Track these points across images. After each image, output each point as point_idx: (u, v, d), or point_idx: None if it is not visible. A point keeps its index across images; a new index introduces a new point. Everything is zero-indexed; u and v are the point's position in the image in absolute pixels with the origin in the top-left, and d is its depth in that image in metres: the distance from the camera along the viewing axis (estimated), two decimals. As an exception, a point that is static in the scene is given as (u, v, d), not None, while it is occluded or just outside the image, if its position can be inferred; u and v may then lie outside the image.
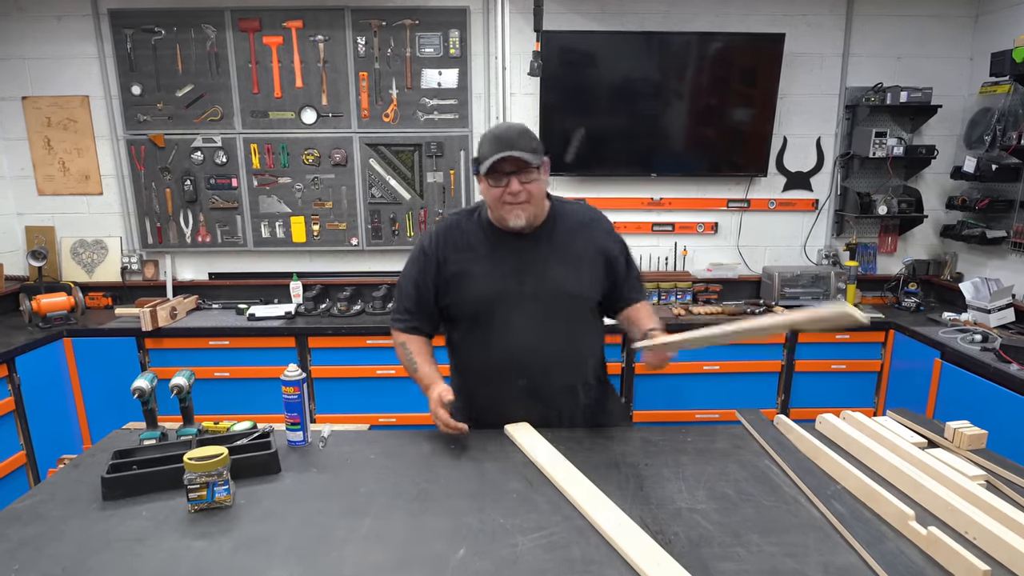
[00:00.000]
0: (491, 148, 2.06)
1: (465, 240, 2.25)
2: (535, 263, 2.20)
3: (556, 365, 2.24)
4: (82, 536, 1.64)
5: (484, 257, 2.22)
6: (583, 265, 2.24)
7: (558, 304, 2.22)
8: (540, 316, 2.20)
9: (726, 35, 4.40)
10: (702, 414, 4.30)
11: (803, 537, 1.61)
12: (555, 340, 2.22)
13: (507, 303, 2.20)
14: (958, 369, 3.55)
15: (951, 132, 4.61)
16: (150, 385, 2.14)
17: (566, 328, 2.25)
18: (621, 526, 1.62)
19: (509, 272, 2.20)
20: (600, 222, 2.34)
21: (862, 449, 2.00)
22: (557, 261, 2.21)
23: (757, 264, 4.82)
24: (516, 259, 2.20)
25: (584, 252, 2.25)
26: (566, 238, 2.24)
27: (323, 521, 1.70)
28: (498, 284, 2.20)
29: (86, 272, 4.68)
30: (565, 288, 2.22)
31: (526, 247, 2.20)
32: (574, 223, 2.27)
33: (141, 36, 4.32)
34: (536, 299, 2.19)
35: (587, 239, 2.27)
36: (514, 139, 2.05)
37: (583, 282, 2.25)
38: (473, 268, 2.22)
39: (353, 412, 4.19)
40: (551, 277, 2.20)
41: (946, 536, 1.50)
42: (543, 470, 1.93)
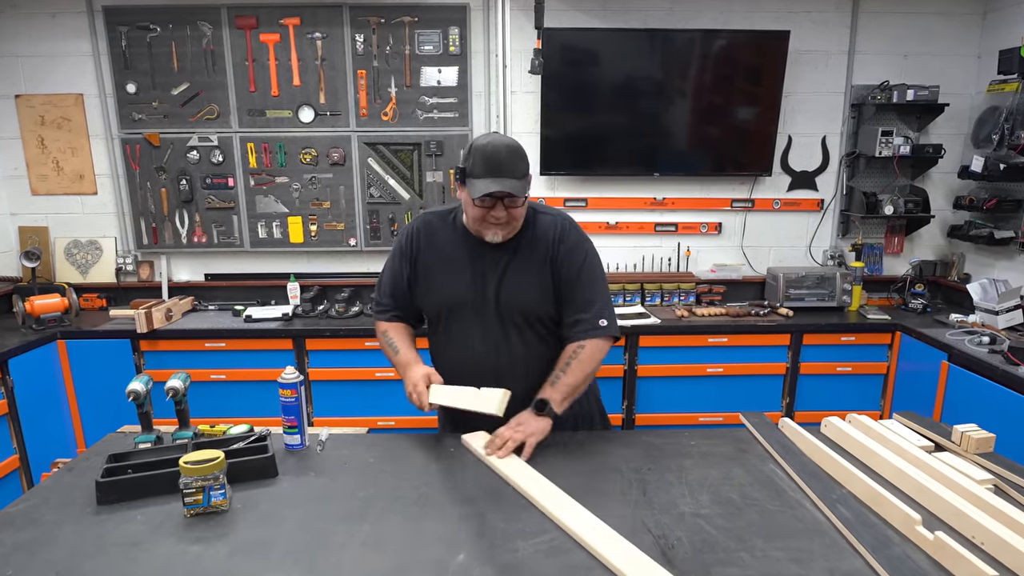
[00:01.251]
0: (483, 170, 2.05)
1: (437, 241, 2.30)
2: (496, 271, 2.23)
3: (512, 374, 2.23)
4: (76, 541, 1.64)
5: (452, 261, 2.26)
6: (534, 277, 2.23)
7: (512, 314, 2.24)
8: (498, 325, 2.25)
9: (730, 32, 4.40)
10: (705, 417, 4.30)
11: (808, 542, 1.61)
12: (512, 349, 2.26)
13: (467, 310, 2.26)
14: (965, 371, 3.55)
15: (958, 131, 4.61)
16: (145, 388, 2.14)
17: (522, 338, 2.27)
18: (596, 531, 1.62)
19: (472, 279, 2.24)
20: (562, 236, 2.23)
21: (868, 453, 2.00)
22: (514, 272, 2.23)
23: (761, 265, 4.82)
24: (481, 266, 2.24)
25: (537, 264, 2.23)
26: (528, 250, 2.24)
27: (321, 526, 1.70)
28: (460, 290, 2.25)
29: (80, 273, 4.68)
30: (518, 298, 2.23)
31: (492, 255, 2.23)
32: (540, 235, 2.24)
33: (136, 33, 4.32)
34: (495, 307, 2.24)
35: (543, 251, 2.22)
36: (505, 165, 2.05)
37: (534, 296, 2.23)
38: (439, 272, 2.28)
39: (351, 415, 4.19)
40: (507, 287, 2.22)
41: (953, 541, 1.50)
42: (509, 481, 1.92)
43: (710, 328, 4.19)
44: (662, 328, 4.17)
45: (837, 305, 4.46)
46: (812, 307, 4.46)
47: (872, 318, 4.31)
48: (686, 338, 4.19)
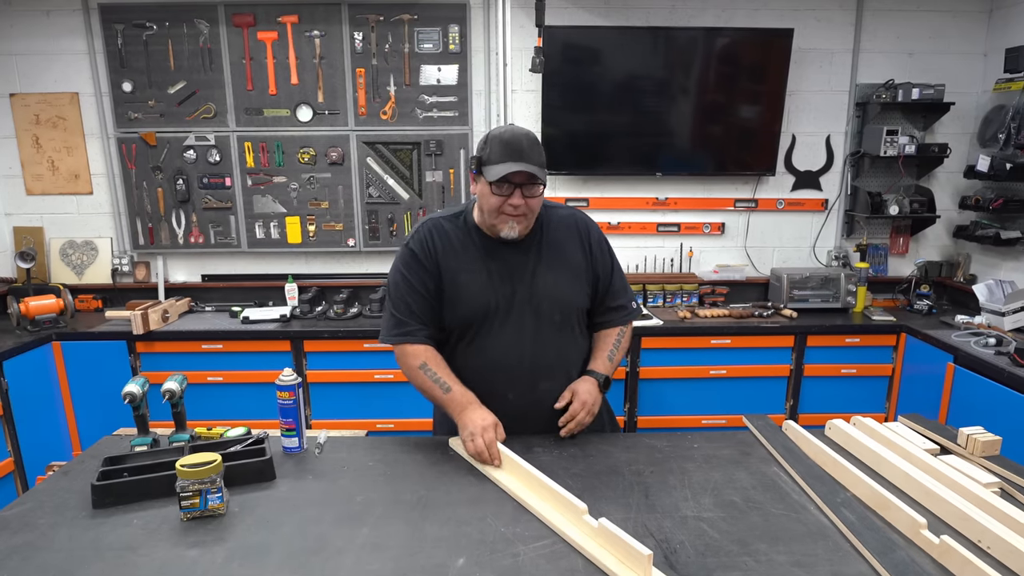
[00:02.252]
0: (501, 154, 2.03)
1: (452, 246, 2.21)
2: (524, 272, 2.20)
3: (545, 376, 2.24)
4: (71, 545, 1.64)
5: (473, 266, 2.20)
6: (571, 273, 2.25)
7: (549, 314, 2.22)
8: (531, 327, 2.21)
9: (733, 30, 4.41)
10: (708, 420, 4.30)
11: (812, 546, 1.61)
12: (545, 351, 2.23)
13: (498, 314, 2.20)
14: (972, 373, 3.55)
15: (964, 130, 4.62)
16: (141, 390, 2.14)
17: (556, 339, 2.25)
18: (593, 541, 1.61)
19: (499, 282, 2.19)
20: (588, 229, 2.32)
21: (873, 456, 2.01)
22: (546, 269, 2.21)
23: (765, 266, 4.83)
24: (505, 268, 2.20)
25: (572, 259, 2.26)
26: (555, 245, 2.24)
27: (319, 530, 1.70)
28: (489, 295, 2.19)
29: (75, 274, 4.69)
30: (555, 297, 2.22)
31: (515, 256, 2.20)
32: (562, 230, 2.27)
33: (132, 31, 4.33)
34: (528, 308, 2.20)
35: (574, 246, 2.27)
36: (525, 150, 2.04)
37: (572, 290, 2.26)
38: (462, 276, 2.19)
39: (350, 418, 4.19)
40: (541, 286, 2.20)
41: (959, 545, 1.50)
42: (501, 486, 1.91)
43: (713, 329, 4.19)
44: (664, 329, 4.17)
45: (841, 306, 4.47)
46: (816, 308, 4.46)
47: (877, 319, 4.31)
48: (689, 340, 4.19)
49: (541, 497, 1.80)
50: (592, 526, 1.60)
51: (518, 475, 1.92)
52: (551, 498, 1.76)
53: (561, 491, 1.72)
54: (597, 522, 1.58)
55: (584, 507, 1.64)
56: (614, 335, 2.35)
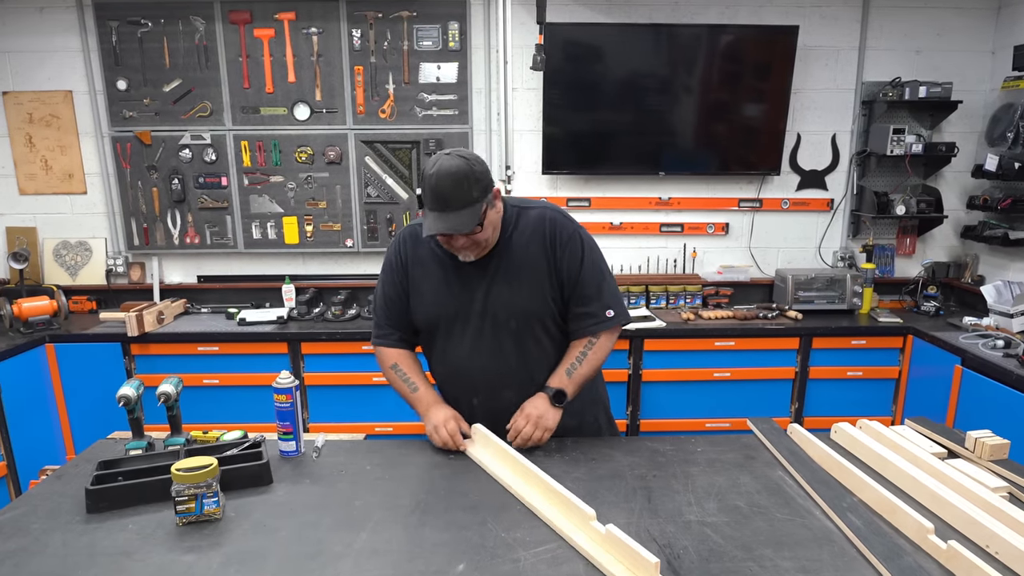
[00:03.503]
0: (429, 203, 2.00)
1: (419, 254, 2.27)
2: (483, 280, 2.20)
3: (508, 384, 2.25)
4: (65, 550, 1.65)
5: (434, 274, 2.24)
6: (531, 280, 2.20)
7: (506, 321, 2.21)
8: (489, 335, 2.22)
9: (737, 27, 4.41)
10: (712, 423, 4.30)
11: (818, 551, 1.61)
12: (504, 359, 2.24)
13: (456, 322, 2.24)
14: (979, 376, 3.55)
15: (972, 129, 4.62)
16: (136, 393, 2.14)
17: (516, 346, 2.24)
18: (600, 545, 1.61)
19: (458, 290, 2.22)
20: (555, 231, 2.21)
21: (879, 460, 2.01)
22: (504, 276, 2.20)
23: (770, 266, 4.83)
24: (465, 276, 2.21)
25: (532, 264, 2.20)
26: (517, 250, 2.20)
27: (317, 535, 1.70)
28: (446, 302, 2.23)
29: (69, 275, 4.69)
30: (510, 305, 2.20)
31: (477, 263, 2.19)
32: (527, 233, 2.21)
33: (127, 29, 4.33)
34: (485, 317, 2.21)
35: (537, 248, 2.20)
36: (450, 197, 1.97)
37: (530, 298, 2.21)
38: (425, 284, 2.26)
39: (348, 421, 4.20)
40: (499, 294, 2.20)
41: (967, 550, 1.50)
42: (510, 490, 1.92)
43: (717, 331, 4.20)
44: (667, 331, 4.18)
45: (847, 308, 4.47)
46: (822, 310, 4.46)
47: (883, 321, 4.31)
48: (692, 341, 4.20)
49: (549, 501, 1.80)
50: (599, 532, 1.59)
51: (527, 478, 1.92)
52: (559, 503, 1.76)
53: (570, 496, 1.72)
54: (604, 528, 1.58)
55: (592, 513, 1.64)
56: (580, 347, 2.26)
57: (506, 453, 2.04)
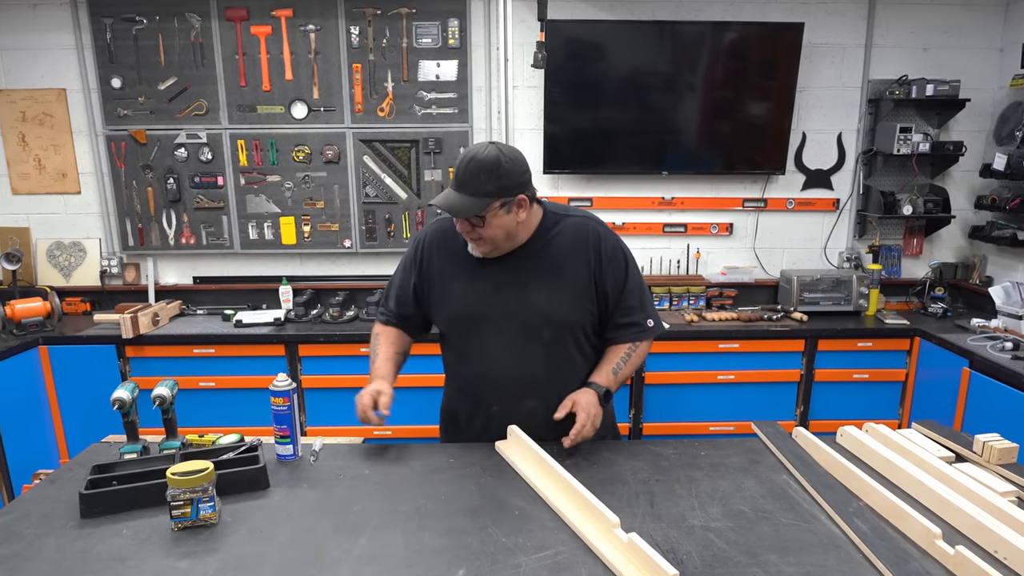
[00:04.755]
0: (452, 180, 2.06)
1: (451, 249, 2.25)
2: (516, 284, 2.18)
3: (532, 393, 2.24)
4: (59, 556, 1.65)
5: (466, 272, 2.22)
6: (569, 289, 2.19)
7: (539, 329, 2.19)
8: (519, 340, 2.20)
9: (742, 24, 4.41)
10: (716, 426, 4.30)
11: (823, 557, 1.61)
12: (532, 366, 2.22)
13: (484, 324, 2.21)
14: (988, 379, 3.55)
15: (980, 127, 4.62)
16: (131, 396, 2.15)
17: (546, 354, 2.22)
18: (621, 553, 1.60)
19: (489, 291, 2.20)
20: (599, 241, 2.22)
21: (886, 463, 2.01)
22: (542, 283, 2.18)
23: (774, 267, 4.83)
24: (498, 278, 2.19)
25: (574, 274, 2.19)
26: (557, 258, 2.19)
27: (314, 540, 1.70)
28: (476, 303, 2.21)
29: (63, 276, 4.69)
30: (545, 314, 2.18)
31: (510, 266, 2.18)
32: (568, 241, 2.20)
33: (121, 26, 4.34)
34: (515, 322, 2.19)
35: (580, 260, 2.20)
36: (462, 179, 2.02)
37: (567, 308, 2.20)
38: (453, 283, 2.24)
39: (346, 424, 4.19)
40: (532, 300, 2.17)
41: (975, 556, 1.50)
42: (539, 493, 1.92)
43: (721, 333, 4.20)
44: (671, 333, 4.17)
45: (853, 309, 4.47)
46: (827, 311, 4.46)
47: (890, 323, 4.31)
48: (696, 344, 4.20)
49: (573, 505, 1.80)
50: (621, 540, 1.59)
51: (555, 482, 1.92)
52: (583, 508, 1.76)
53: (596, 503, 1.70)
54: (627, 537, 1.57)
55: (616, 520, 1.63)
56: (623, 350, 2.28)
57: (537, 456, 2.03)
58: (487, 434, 2.27)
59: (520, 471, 2.04)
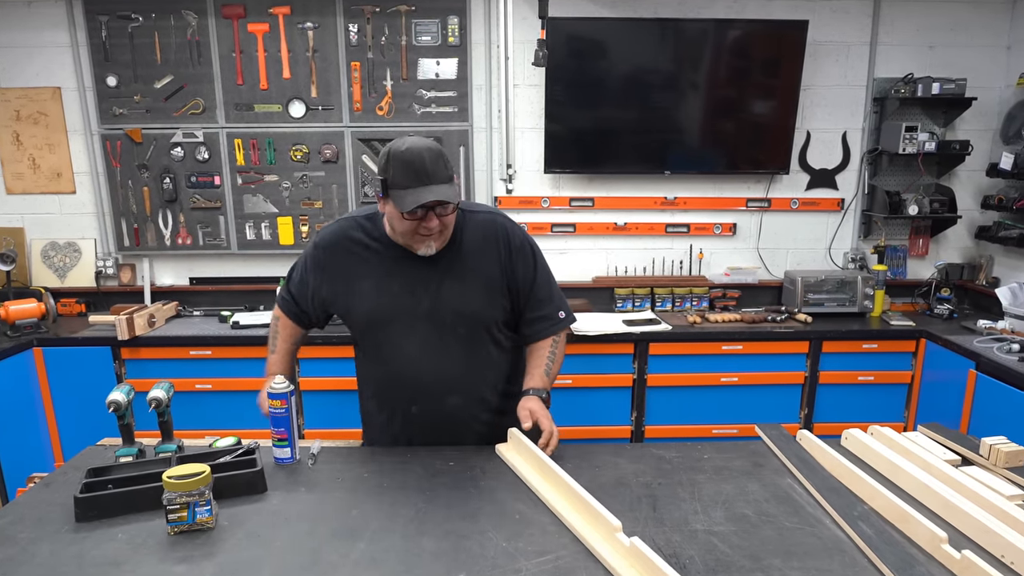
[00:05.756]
0: (405, 177, 2.00)
1: (355, 252, 2.24)
2: (430, 282, 2.19)
3: (451, 390, 2.25)
4: (53, 560, 1.65)
5: (376, 273, 2.22)
6: (482, 284, 2.23)
7: (454, 326, 2.21)
8: (435, 338, 2.22)
9: (745, 22, 4.42)
10: (719, 429, 4.30)
11: (828, 561, 1.61)
12: (451, 364, 2.24)
13: (399, 324, 2.22)
14: (994, 381, 3.55)
15: (987, 126, 4.62)
16: (126, 398, 2.15)
17: (464, 351, 2.24)
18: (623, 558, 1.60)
19: (401, 291, 2.20)
20: (508, 236, 2.26)
21: (891, 467, 2.01)
22: (454, 280, 2.20)
23: (778, 268, 4.83)
24: (410, 277, 2.20)
25: (485, 270, 2.23)
26: (467, 255, 2.22)
27: (312, 545, 1.70)
28: (389, 303, 2.21)
29: (58, 277, 4.70)
30: (460, 310, 2.21)
31: (422, 266, 2.19)
32: (478, 237, 2.23)
33: (117, 23, 4.34)
34: (430, 320, 2.20)
35: (490, 255, 2.24)
36: (430, 170, 2.00)
37: (481, 303, 2.23)
38: (363, 284, 2.22)
39: (345, 427, 4.16)
40: (446, 297, 2.19)
41: (981, 560, 1.50)
42: (540, 496, 1.92)
43: (724, 335, 4.20)
44: (673, 335, 4.18)
45: (858, 311, 4.47)
46: (832, 313, 4.46)
47: (895, 324, 4.31)
48: (699, 345, 4.20)
49: (575, 509, 1.80)
50: (623, 544, 1.59)
51: (556, 486, 1.92)
52: (585, 512, 1.76)
53: (598, 507, 1.71)
54: (629, 541, 1.57)
55: (618, 524, 1.63)
56: (547, 347, 2.32)
57: (538, 459, 2.04)
58: (404, 436, 2.30)
59: (520, 474, 2.04)
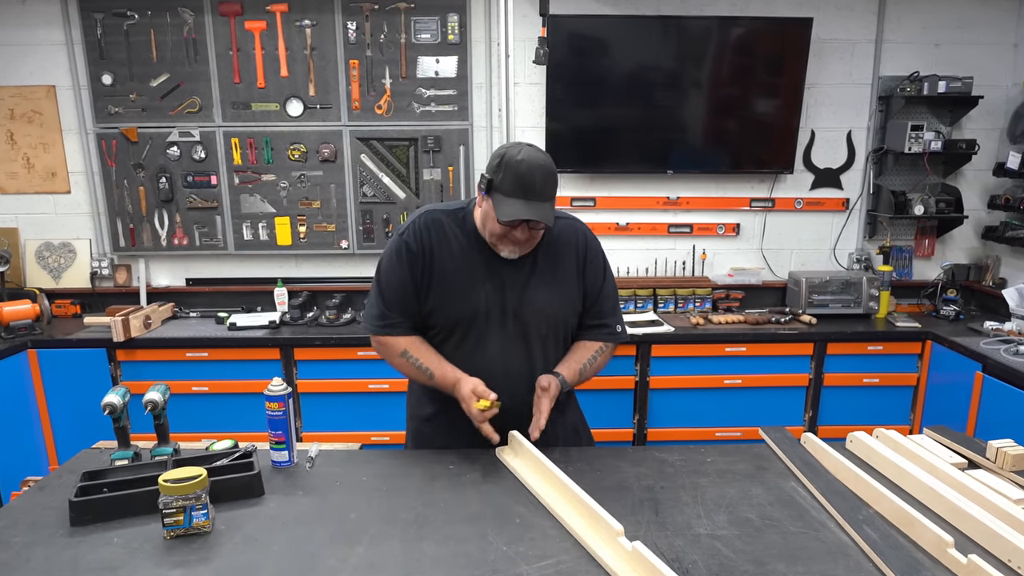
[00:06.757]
0: (513, 188, 2.05)
1: (449, 243, 2.25)
2: (518, 282, 2.25)
3: (527, 388, 2.27)
4: (48, 565, 1.65)
5: (467, 268, 2.24)
6: (564, 287, 2.31)
7: (539, 326, 2.29)
8: (520, 337, 2.28)
9: (749, 19, 4.41)
10: (723, 432, 4.30)
11: (832, 566, 1.61)
12: (531, 363, 2.30)
13: (487, 321, 2.25)
14: (1001, 383, 3.55)
15: (993, 125, 4.62)
16: (122, 400, 2.15)
17: (544, 351, 2.33)
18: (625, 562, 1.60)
19: (492, 289, 2.24)
20: (586, 241, 2.36)
21: (897, 470, 2.01)
22: (540, 281, 2.27)
23: (782, 269, 4.83)
24: (499, 276, 2.24)
25: (567, 272, 2.32)
26: (551, 257, 2.30)
27: (310, 549, 1.71)
28: (480, 300, 2.24)
29: (52, 278, 4.70)
30: (547, 310, 2.29)
31: (510, 264, 2.24)
32: (562, 241, 2.31)
33: (112, 21, 4.34)
34: (517, 319, 2.26)
35: (570, 260, 2.32)
36: (538, 188, 2.06)
37: (564, 305, 2.32)
38: (455, 278, 2.24)
39: (343, 430, 4.19)
40: (533, 298, 2.26)
41: (988, 565, 1.50)
42: (541, 500, 1.93)
43: (727, 336, 4.20)
44: (676, 336, 4.18)
45: (863, 312, 4.46)
46: (837, 314, 4.46)
47: (901, 326, 4.31)
48: (702, 347, 4.20)
49: (576, 513, 1.80)
50: (625, 548, 1.59)
51: (557, 488, 1.92)
52: (586, 515, 1.76)
53: (599, 510, 1.71)
54: (631, 545, 1.57)
55: (620, 528, 1.64)
56: (593, 349, 2.38)
57: (538, 462, 2.04)
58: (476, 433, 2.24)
59: (521, 478, 2.04)
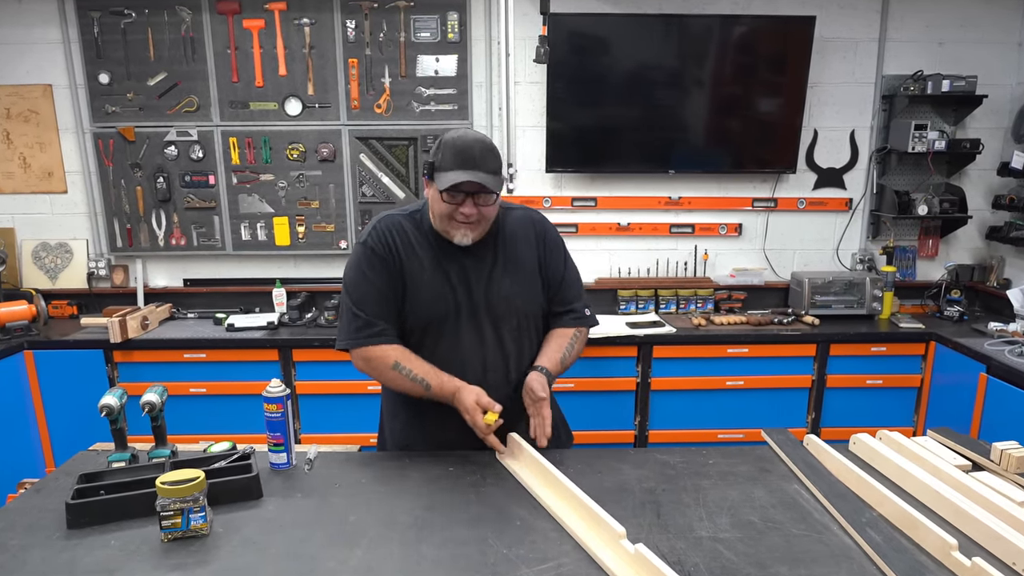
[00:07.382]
0: (452, 161, 2.09)
1: (411, 245, 2.26)
2: (482, 274, 2.27)
3: (502, 381, 2.29)
4: (45, 568, 1.65)
5: (431, 267, 2.25)
6: (527, 277, 2.34)
7: (509, 317, 2.30)
8: (492, 330, 2.29)
9: (751, 18, 4.41)
10: (725, 434, 4.30)
11: (835, 568, 1.61)
12: (504, 355, 2.31)
13: (457, 317, 2.26)
14: (1006, 384, 3.55)
15: (998, 125, 4.62)
16: (119, 402, 2.15)
17: (518, 342, 2.34)
18: (627, 565, 1.60)
19: (458, 283, 2.26)
20: (544, 230, 2.40)
21: (900, 472, 2.01)
22: (504, 272, 2.29)
23: (785, 269, 4.83)
24: (462, 272, 2.26)
25: (527, 263, 2.34)
26: (510, 247, 2.32)
27: (309, 552, 1.70)
28: (448, 296, 2.25)
29: (49, 278, 4.70)
30: (512, 302, 2.30)
31: (472, 259, 2.26)
32: (519, 232, 2.35)
33: (109, 19, 4.34)
34: (488, 312, 2.27)
35: (530, 250, 2.35)
36: (477, 158, 2.09)
37: (529, 295, 2.35)
38: (422, 277, 2.25)
39: (342, 432, 4.19)
40: (497, 291, 2.27)
41: (992, 568, 1.50)
42: (542, 502, 1.93)
43: (729, 337, 4.20)
44: (678, 337, 4.18)
45: (867, 313, 4.47)
46: (840, 315, 4.46)
47: (904, 327, 4.31)
48: (704, 348, 4.20)
49: (577, 515, 1.80)
50: (627, 551, 1.59)
51: (557, 490, 1.92)
52: (588, 517, 1.76)
53: (601, 513, 1.71)
54: (633, 548, 1.57)
55: (622, 531, 1.63)
56: (568, 336, 2.40)
57: (538, 464, 2.04)
58: (455, 434, 2.23)
59: (522, 480, 2.04)
